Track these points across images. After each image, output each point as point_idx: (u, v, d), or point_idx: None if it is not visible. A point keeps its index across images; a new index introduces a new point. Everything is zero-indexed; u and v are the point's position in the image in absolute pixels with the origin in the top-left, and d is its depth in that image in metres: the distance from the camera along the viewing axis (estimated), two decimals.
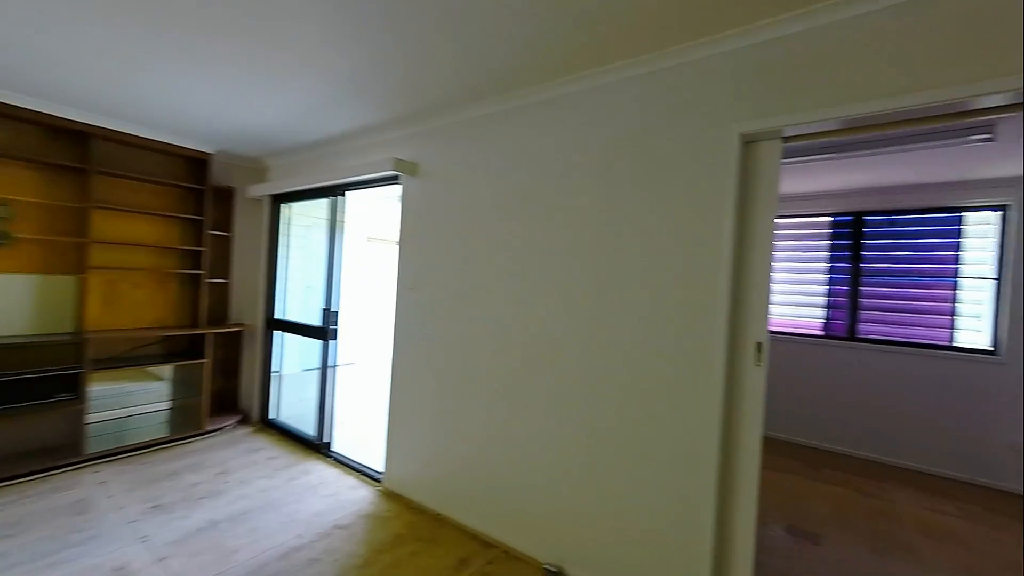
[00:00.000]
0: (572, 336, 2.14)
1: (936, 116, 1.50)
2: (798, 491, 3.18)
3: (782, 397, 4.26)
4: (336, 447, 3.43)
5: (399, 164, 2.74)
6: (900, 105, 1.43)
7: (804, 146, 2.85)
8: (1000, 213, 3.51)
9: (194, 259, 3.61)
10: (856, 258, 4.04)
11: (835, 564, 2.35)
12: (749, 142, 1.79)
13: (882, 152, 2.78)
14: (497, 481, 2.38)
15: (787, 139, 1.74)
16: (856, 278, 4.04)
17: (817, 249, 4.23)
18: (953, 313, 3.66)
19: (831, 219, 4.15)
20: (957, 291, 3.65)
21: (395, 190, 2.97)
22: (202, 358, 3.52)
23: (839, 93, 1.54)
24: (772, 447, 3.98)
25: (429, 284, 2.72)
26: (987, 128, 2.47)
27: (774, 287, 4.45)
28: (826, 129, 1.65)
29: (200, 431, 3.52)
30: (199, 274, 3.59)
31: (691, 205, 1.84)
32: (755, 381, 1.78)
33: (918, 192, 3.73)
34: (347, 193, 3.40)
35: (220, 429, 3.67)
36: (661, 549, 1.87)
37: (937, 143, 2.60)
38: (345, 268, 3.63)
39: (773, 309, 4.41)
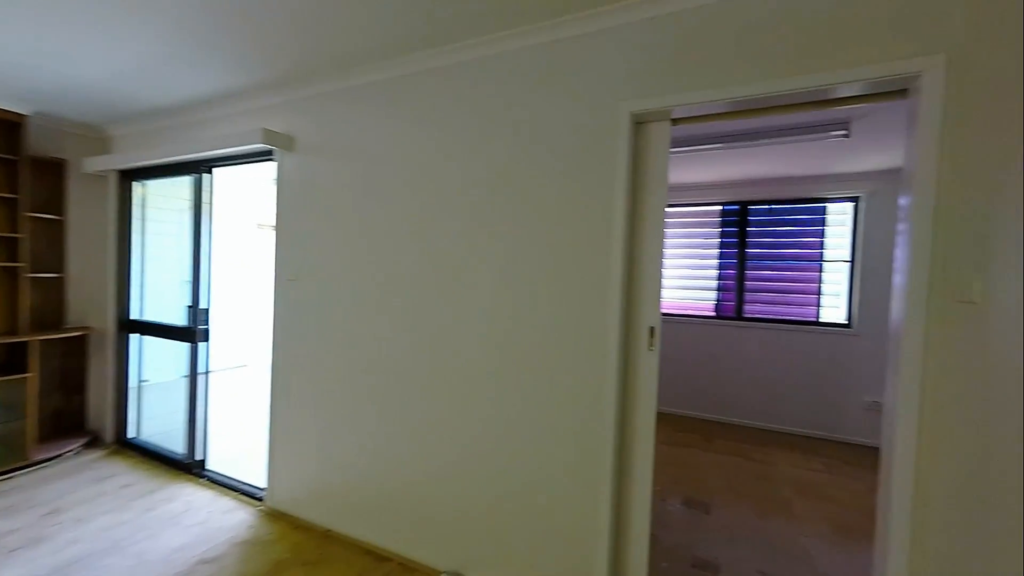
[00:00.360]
0: (467, 327, 2.00)
1: (809, 103, 1.55)
2: (695, 463, 3.37)
3: (680, 375, 4.53)
4: (213, 465, 2.98)
5: (270, 136, 2.38)
6: (779, 89, 1.46)
7: (694, 135, 2.96)
8: (853, 204, 3.98)
9: (8, 248, 2.89)
10: (743, 244, 4.38)
11: (724, 530, 2.49)
12: (640, 123, 1.75)
13: (761, 144, 2.97)
14: (391, 488, 2.17)
15: (676, 121, 1.73)
16: (743, 262, 4.38)
17: (709, 236, 4.52)
18: (819, 292, 4.11)
19: (721, 208, 4.45)
20: (822, 273, 4.10)
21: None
22: (24, 372, 2.85)
23: (725, 75, 1.54)
24: (672, 422, 4.22)
25: (311, 275, 2.41)
26: (844, 125, 2.72)
27: (671, 272, 4.71)
28: (712, 112, 1.65)
29: (26, 463, 2.86)
30: (16, 267, 2.89)
31: (584, 187, 1.77)
32: (649, 365, 1.77)
33: (792, 184, 4.11)
34: (216, 170, 2.92)
35: (57, 457, 3.02)
36: (561, 536, 1.81)
37: (805, 137, 2.83)
38: (223, 258, 3.15)
39: (670, 293, 4.67)
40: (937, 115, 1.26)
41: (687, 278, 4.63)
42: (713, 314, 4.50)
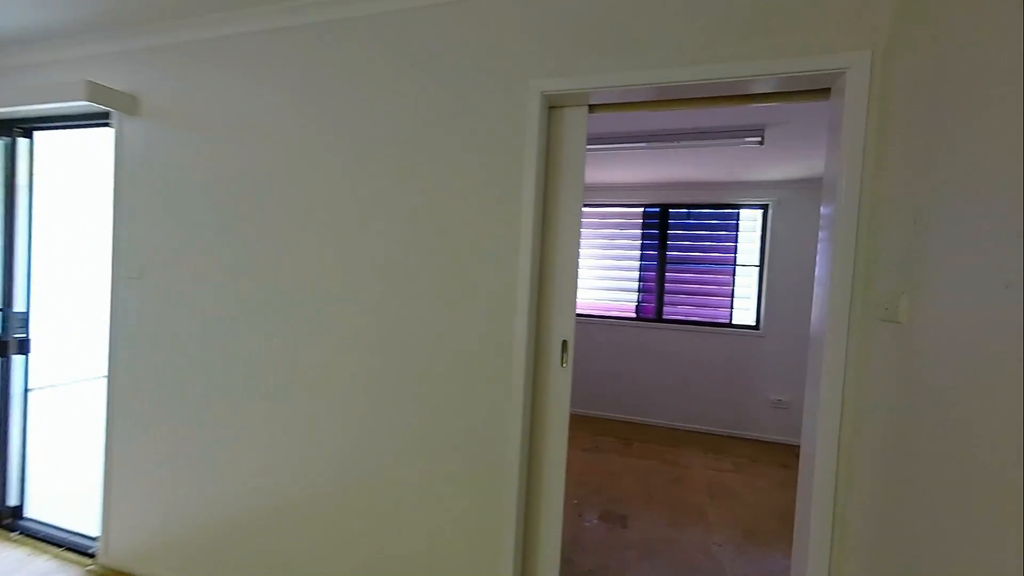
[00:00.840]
0: (356, 340, 1.67)
1: (732, 97, 1.42)
2: (613, 470, 3.29)
3: (600, 376, 4.49)
4: (35, 511, 2.36)
5: (100, 93, 1.86)
6: (702, 77, 1.30)
7: (615, 133, 2.84)
8: (762, 211, 4.14)
9: None
10: (663, 246, 4.41)
11: (640, 545, 2.39)
12: (554, 107, 1.53)
13: (679, 146, 2.93)
14: (260, 538, 1.79)
15: (593, 108, 1.53)
16: (663, 265, 4.41)
17: (632, 237, 4.52)
18: (732, 295, 4.24)
19: (642, 210, 4.46)
20: (735, 276, 4.23)
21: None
22: None
23: (646, 58, 1.36)
24: (591, 426, 4.15)
25: (160, 272, 1.94)
26: (759, 132, 2.73)
27: (594, 272, 4.67)
28: (632, 100, 1.48)
29: None
30: None
31: (489, 178, 1.52)
32: (561, 383, 1.57)
33: (709, 189, 4.19)
34: (40, 135, 2.30)
35: None
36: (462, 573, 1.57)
37: (722, 142, 2.81)
38: (53, 249, 2.52)
39: (592, 294, 4.61)
40: (861, 116, 1.17)
41: (610, 279, 4.59)
42: (634, 315, 4.50)
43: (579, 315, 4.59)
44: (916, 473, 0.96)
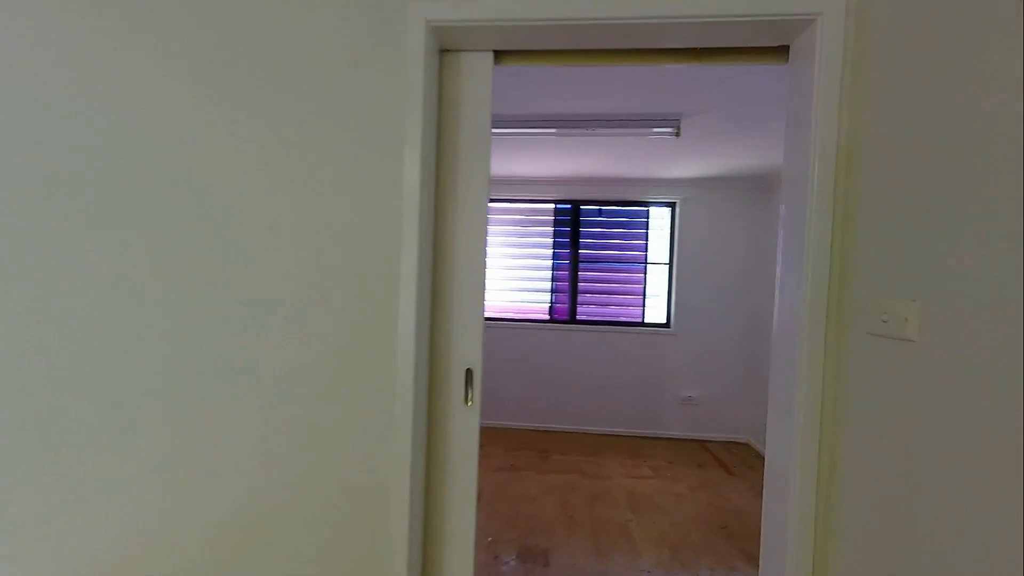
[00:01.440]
0: (176, 372, 1.11)
1: (678, 52, 1.12)
2: (530, 492, 2.97)
3: (514, 384, 4.19)
4: None
5: None
6: (645, 14, 0.98)
7: (523, 116, 2.52)
8: (671, 209, 4.14)
9: None
10: (576, 244, 4.22)
11: None
12: (448, 50, 1.12)
13: (592, 134, 2.69)
14: None
15: (500, 56, 1.15)
16: (576, 264, 4.22)
17: (543, 235, 4.27)
18: (643, 294, 4.19)
19: (554, 206, 4.23)
20: (646, 275, 4.18)
21: None
22: None
23: None
24: (505, 440, 3.82)
25: None
26: (675, 122, 2.58)
27: (506, 273, 4.36)
28: (547, 48, 1.12)
29: None
30: None
31: (360, 147, 1.07)
32: (465, 425, 1.17)
33: (620, 185, 4.08)
34: None
35: None
36: None
37: (637, 131, 2.63)
38: None
39: (503, 295, 4.28)
40: (834, 80, 0.92)
41: (521, 279, 4.30)
42: (547, 317, 4.26)
43: (489, 319, 4.24)
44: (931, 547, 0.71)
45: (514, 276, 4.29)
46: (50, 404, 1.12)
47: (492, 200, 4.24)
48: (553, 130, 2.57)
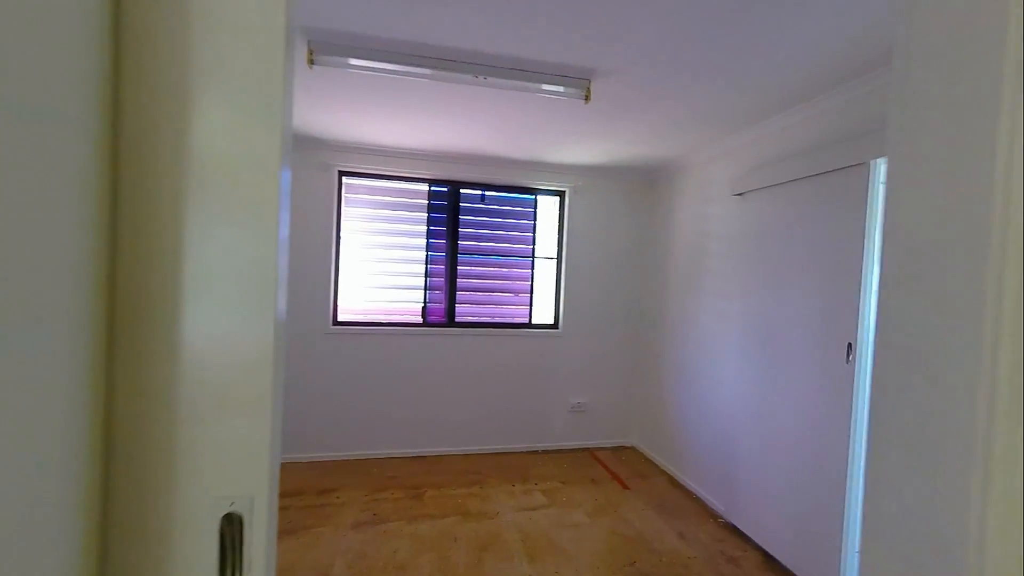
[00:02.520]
0: None
1: None
2: (399, 555, 2.26)
3: (382, 404, 3.40)
4: None
5: None
6: None
7: (380, 43, 1.78)
8: (559, 199, 3.76)
9: None
10: (454, 235, 3.58)
11: None
12: None
13: (479, 83, 2.09)
14: None
15: None
16: (454, 257, 3.58)
17: (415, 222, 3.53)
18: (531, 291, 3.74)
19: (428, 187, 3.52)
20: (534, 271, 3.74)
21: None
22: None
23: None
24: (370, 477, 3.01)
25: None
26: (585, 81, 2.10)
27: (367, 267, 3.51)
28: None
29: None
30: None
31: None
32: None
33: (505, 167, 3.55)
34: None
35: None
36: None
37: (536, 85, 2.09)
38: None
39: (365, 295, 3.45)
40: None
41: (387, 274, 3.50)
42: (420, 320, 3.55)
43: (345, 323, 3.37)
44: None
45: (379, 272, 3.47)
46: None
47: (346, 173, 3.35)
48: (428, 71, 1.88)
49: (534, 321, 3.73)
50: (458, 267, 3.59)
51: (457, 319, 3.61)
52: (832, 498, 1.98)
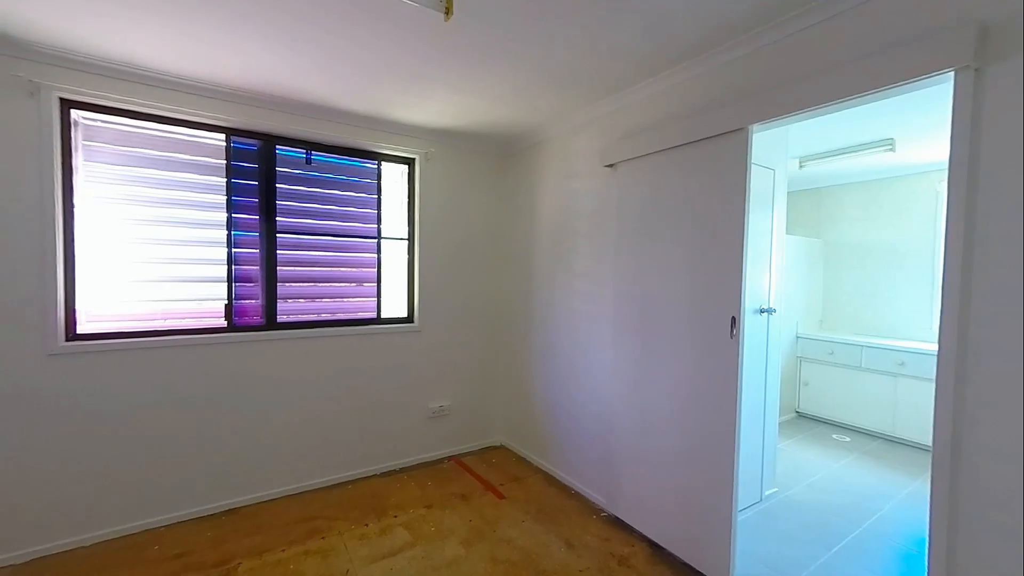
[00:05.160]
0: None
1: None
2: None
3: (168, 448, 2.37)
4: None
5: None
6: None
7: None
8: (407, 167, 3.16)
9: None
10: (269, 208, 2.69)
11: None
12: None
13: None
14: None
15: None
16: (271, 237, 2.70)
17: (210, 188, 2.54)
18: (379, 280, 3.07)
19: (226, 141, 2.56)
20: (380, 254, 3.07)
21: None
22: None
23: None
24: (154, 553, 2.02)
25: None
26: None
27: (134, 254, 2.34)
28: None
29: None
30: None
31: None
32: None
33: (339, 121, 2.80)
34: None
35: None
36: None
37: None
38: None
39: (137, 292, 2.34)
40: None
41: (172, 261, 2.44)
42: (224, 324, 2.58)
43: (94, 336, 2.23)
44: None
45: (154, 259, 2.38)
46: None
47: (77, 106, 2.17)
48: None
49: (384, 315, 3.08)
50: (278, 251, 2.72)
51: (280, 319, 2.74)
52: (720, 477, 1.91)
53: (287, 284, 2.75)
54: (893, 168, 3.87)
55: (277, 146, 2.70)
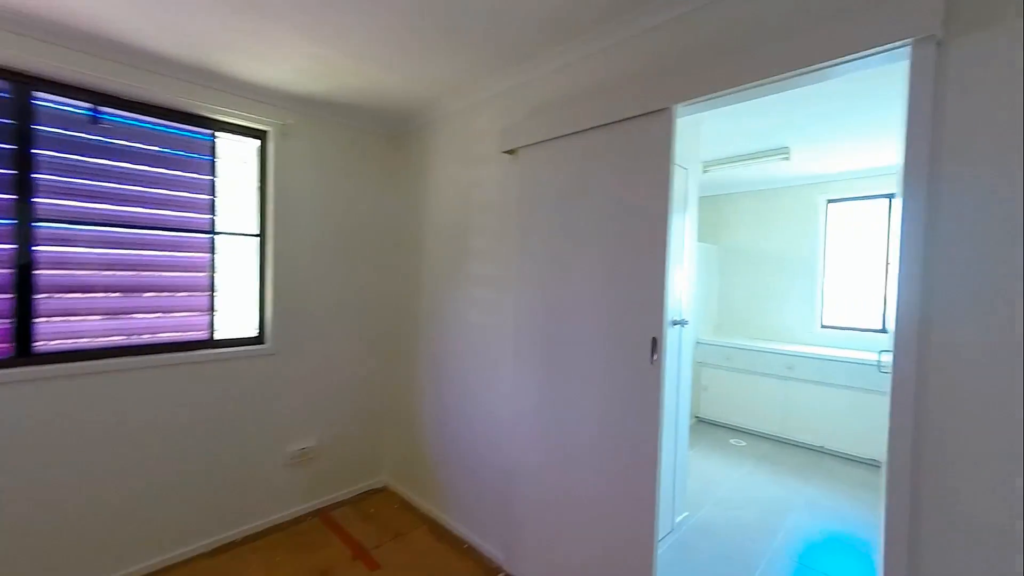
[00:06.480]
0: None
1: None
2: None
3: None
4: None
5: None
6: None
7: None
8: (259, 144, 2.44)
9: None
10: (24, 184, 1.83)
11: None
12: None
13: None
14: None
15: None
16: (25, 226, 1.84)
17: None
18: (211, 289, 2.31)
19: None
20: (215, 255, 2.31)
21: None
22: None
23: None
24: None
25: None
26: None
27: None
28: None
29: None
30: None
31: None
32: None
33: (147, 67, 2.02)
34: None
35: None
36: None
37: None
38: None
39: None
40: None
41: None
42: None
43: None
44: None
45: None
46: None
47: None
48: None
49: (220, 336, 2.33)
50: (34, 247, 1.86)
51: (37, 347, 1.88)
52: (639, 524, 1.57)
53: (49, 298, 1.90)
54: (786, 179, 4.00)
55: (37, 93, 1.84)
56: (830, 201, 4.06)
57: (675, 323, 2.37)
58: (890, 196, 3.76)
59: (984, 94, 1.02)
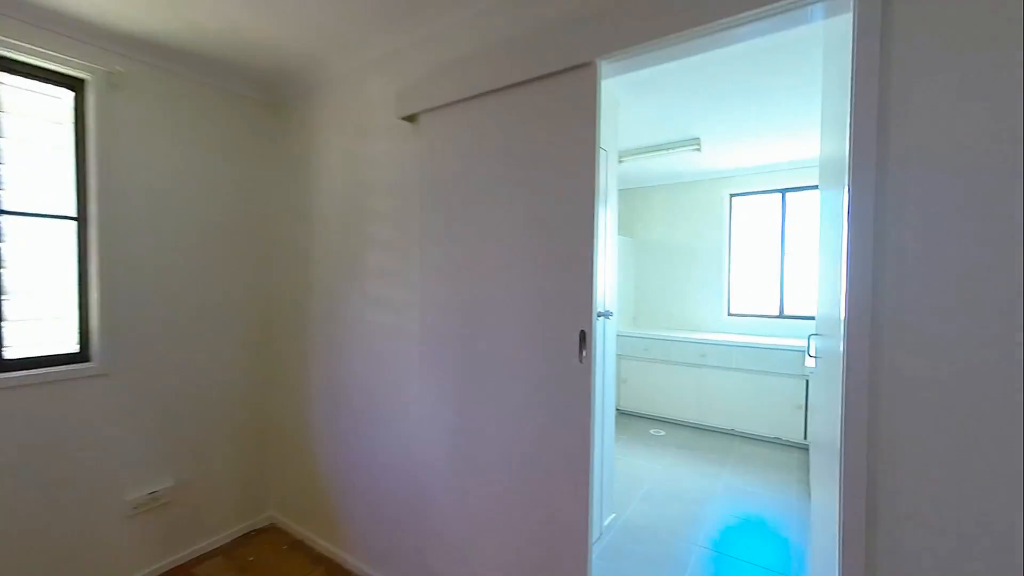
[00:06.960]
0: None
1: None
2: None
3: None
4: None
5: None
6: None
7: None
8: (72, 95, 1.84)
9: None
10: None
11: None
12: None
13: None
14: None
15: None
16: None
17: None
18: None
19: None
20: (1, 243, 1.69)
21: None
22: None
23: None
24: None
25: None
26: None
27: None
28: None
29: None
30: None
31: None
32: None
33: None
34: None
35: None
36: None
37: None
38: None
39: None
40: None
41: None
42: None
43: None
44: None
45: None
46: None
47: None
48: None
49: (13, 356, 1.71)
50: None
51: None
52: (572, 543, 1.35)
53: None
54: (693, 173, 4.11)
55: None
56: (733, 195, 4.25)
57: (600, 315, 2.21)
58: (783, 191, 4.02)
59: (934, 39, 0.92)
